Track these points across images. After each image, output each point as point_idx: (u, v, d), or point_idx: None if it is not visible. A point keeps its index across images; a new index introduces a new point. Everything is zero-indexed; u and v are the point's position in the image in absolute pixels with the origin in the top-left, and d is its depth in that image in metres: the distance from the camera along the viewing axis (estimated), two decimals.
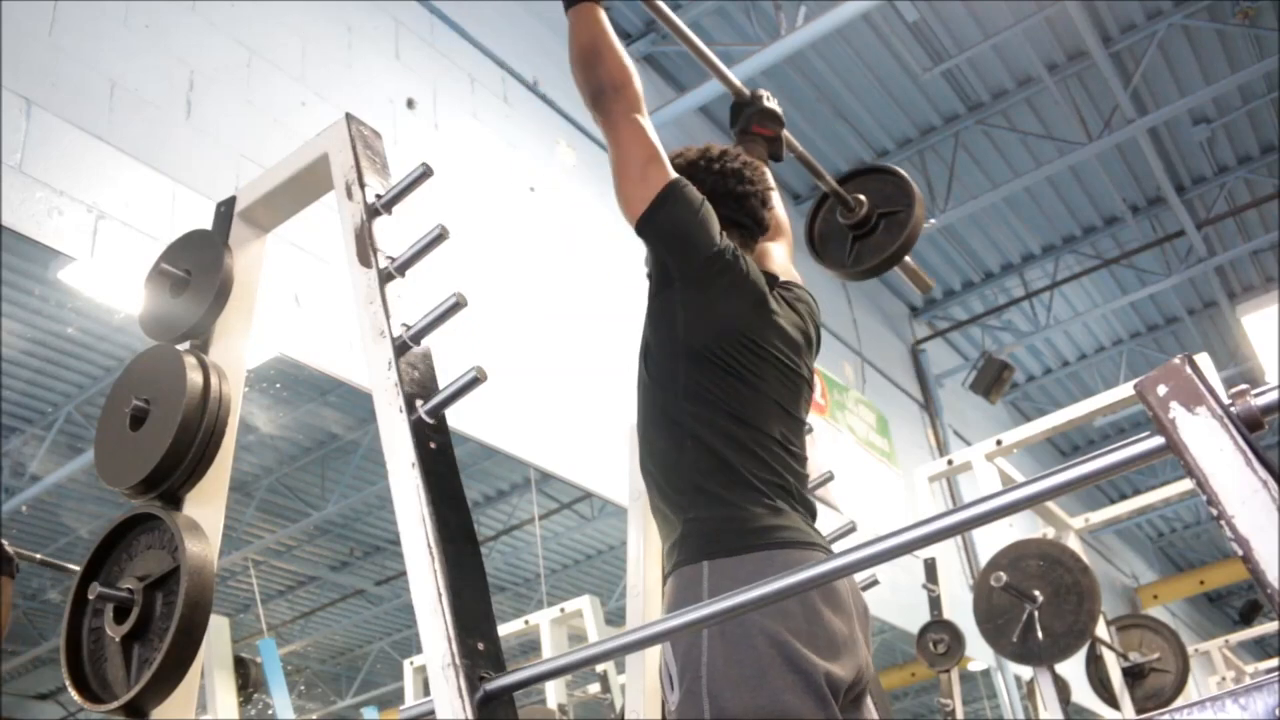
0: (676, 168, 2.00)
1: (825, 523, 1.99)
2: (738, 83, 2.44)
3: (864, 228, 2.62)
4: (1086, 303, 10.83)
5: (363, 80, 4.66)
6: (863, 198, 2.63)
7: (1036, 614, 4.17)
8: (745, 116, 2.36)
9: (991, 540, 4.80)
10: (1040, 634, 4.13)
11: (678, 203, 1.85)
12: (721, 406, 1.79)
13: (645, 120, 1.94)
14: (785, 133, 2.44)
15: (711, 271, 1.85)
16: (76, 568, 1.70)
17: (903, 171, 2.67)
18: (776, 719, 1.56)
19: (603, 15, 2.01)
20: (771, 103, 2.38)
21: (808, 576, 1.17)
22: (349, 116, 1.82)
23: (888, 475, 8.44)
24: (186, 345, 1.86)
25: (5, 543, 2.43)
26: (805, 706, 1.58)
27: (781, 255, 2.30)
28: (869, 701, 1.78)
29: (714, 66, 2.44)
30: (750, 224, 2.08)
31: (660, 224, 1.85)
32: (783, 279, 2.16)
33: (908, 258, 2.63)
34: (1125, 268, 10.29)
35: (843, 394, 8.15)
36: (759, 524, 1.72)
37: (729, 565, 1.67)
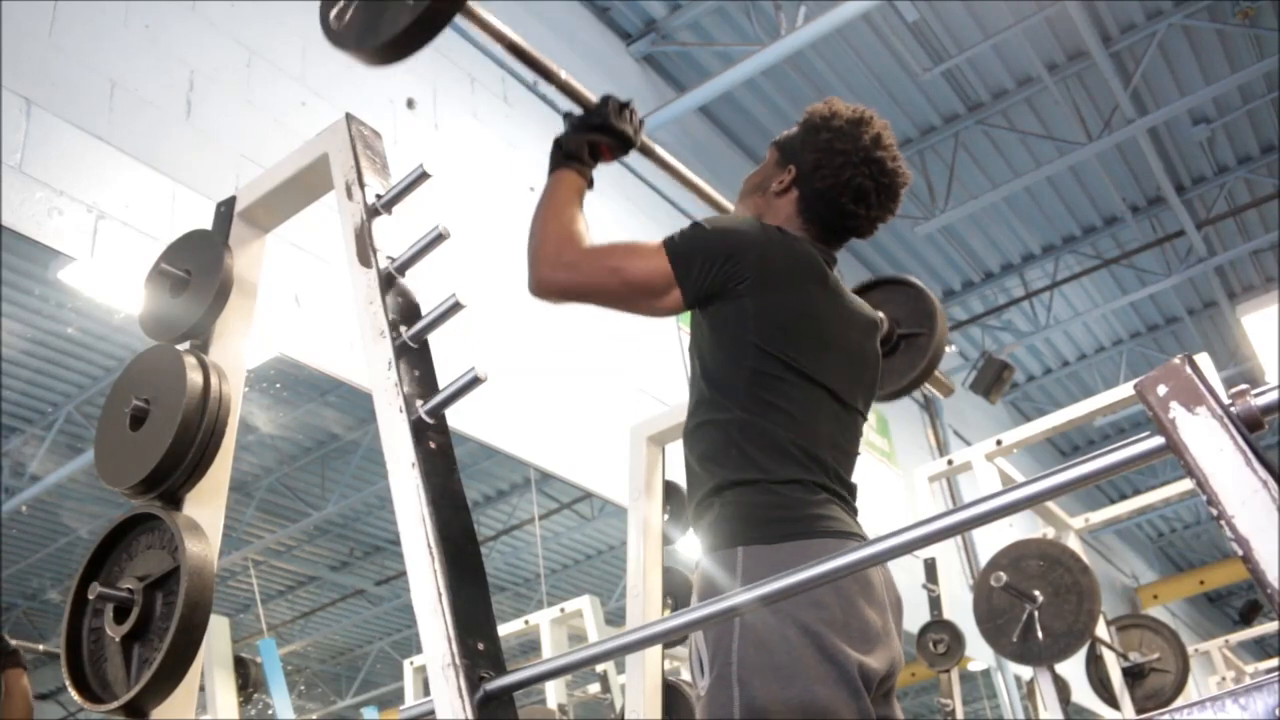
0: (820, 143, 1.90)
1: None
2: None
3: (884, 347, 2.59)
4: (1086, 303, 10.83)
5: (363, 80, 4.66)
6: (882, 316, 2.57)
7: (1036, 614, 4.16)
8: None
9: (991, 540, 4.80)
10: (1040, 634, 4.13)
11: (686, 253, 1.77)
12: (776, 403, 1.73)
13: (589, 234, 1.82)
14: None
15: (764, 268, 1.77)
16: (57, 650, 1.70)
17: (922, 285, 2.62)
18: (807, 710, 1.53)
19: (583, 193, 1.90)
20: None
21: (832, 567, 1.16)
22: (349, 116, 1.82)
23: (888, 475, 8.44)
24: (186, 345, 1.86)
25: (7, 636, 2.39)
26: (837, 699, 1.55)
27: None
28: (895, 700, 1.76)
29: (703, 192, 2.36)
30: (839, 232, 1.96)
31: (697, 278, 1.76)
32: None
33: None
34: (1125, 268, 10.29)
35: None
36: (798, 512, 1.68)
37: (765, 553, 1.63)
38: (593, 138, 1.91)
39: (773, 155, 2.03)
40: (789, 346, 1.76)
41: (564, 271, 1.77)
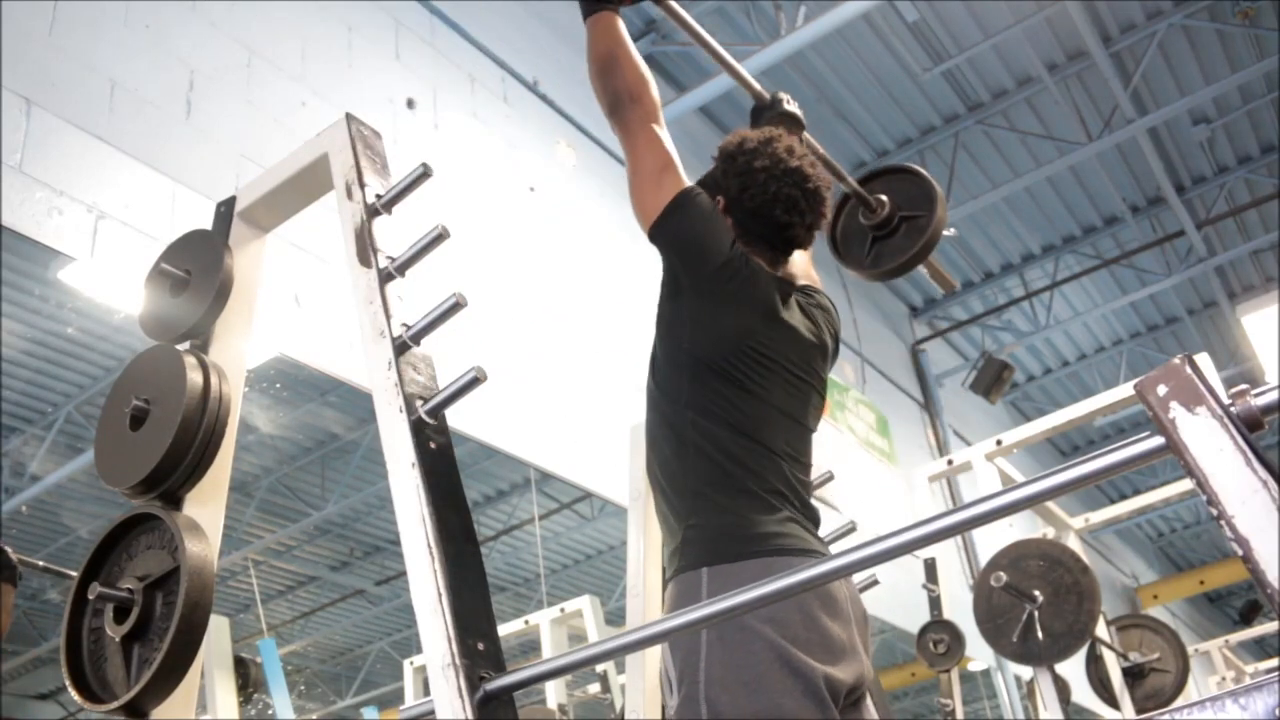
0: (739, 168, 1.99)
1: (826, 523, 1.98)
2: (757, 86, 2.43)
3: (885, 229, 2.63)
4: (1086, 303, 10.83)
5: (363, 80, 4.66)
6: (885, 198, 2.62)
7: (1036, 614, 4.16)
8: (765, 120, 2.32)
9: (991, 540, 4.80)
10: (1040, 634, 4.13)
11: (689, 211, 1.86)
12: (724, 417, 1.79)
13: (662, 130, 1.94)
14: (807, 135, 2.43)
15: (720, 281, 1.84)
16: (75, 573, 1.70)
17: (924, 172, 2.66)
18: None
19: (620, 25, 2.05)
20: (792, 105, 2.37)
21: (805, 578, 1.17)
22: (349, 116, 1.82)
23: (888, 475, 8.44)
24: (186, 345, 1.86)
25: (8, 549, 2.42)
26: (804, 710, 1.58)
27: (801, 259, 2.27)
28: (869, 703, 1.79)
29: (735, 72, 2.43)
30: (783, 247, 2.03)
31: (671, 231, 1.86)
32: (801, 282, 2.14)
33: (930, 257, 2.63)
34: (1125, 268, 10.29)
35: (843, 394, 8.15)
36: (759, 531, 1.73)
37: (728, 571, 1.68)
38: None
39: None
40: (726, 360, 1.82)
41: (625, 109, 1.97)
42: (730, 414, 1.79)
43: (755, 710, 1.57)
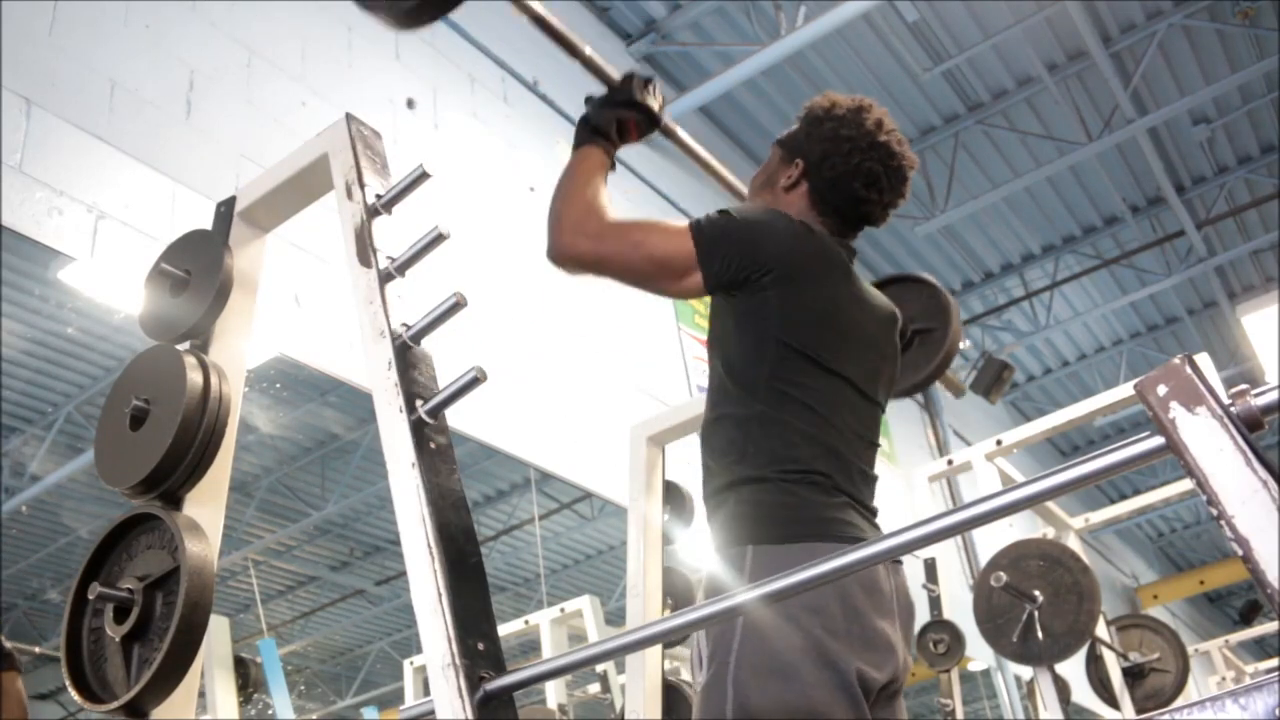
0: (824, 134, 1.93)
1: None
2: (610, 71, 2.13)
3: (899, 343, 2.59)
4: (1086, 303, 10.83)
5: (363, 80, 4.66)
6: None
7: (1036, 614, 4.16)
8: (606, 108, 2.02)
9: (991, 540, 4.80)
10: (1040, 634, 4.13)
11: (715, 235, 1.75)
12: (799, 397, 1.71)
13: (615, 218, 1.76)
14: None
15: (795, 262, 1.76)
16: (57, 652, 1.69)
17: (936, 282, 2.62)
18: (800, 714, 1.52)
19: (606, 172, 1.85)
20: (652, 98, 2.03)
21: (835, 566, 1.16)
22: (349, 116, 1.82)
23: (888, 475, 8.43)
24: (186, 345, 1.86)
25: (3, 639, 2.38)
26: (834, 704, 1.54)
27: None
28: (901, 701, 1.75)
29: (686, 148, 2.30)
30: (853, 222, 1.96)
31: (720, 264, 1.73)
32: None
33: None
34: (1125, 268, 10.29)
35: None
36: (812, 514, 1.67)
37: (775, 553, 1.62)
38: (620, 114, 1.89)
39: (776, 153, 2.03)
40: (812, 340, 1.74)
41: (586, 240, 1.72)
42: (804, 393, 1.72)
43: (783, 699, 1.53)
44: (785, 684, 1.55)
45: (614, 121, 1.88)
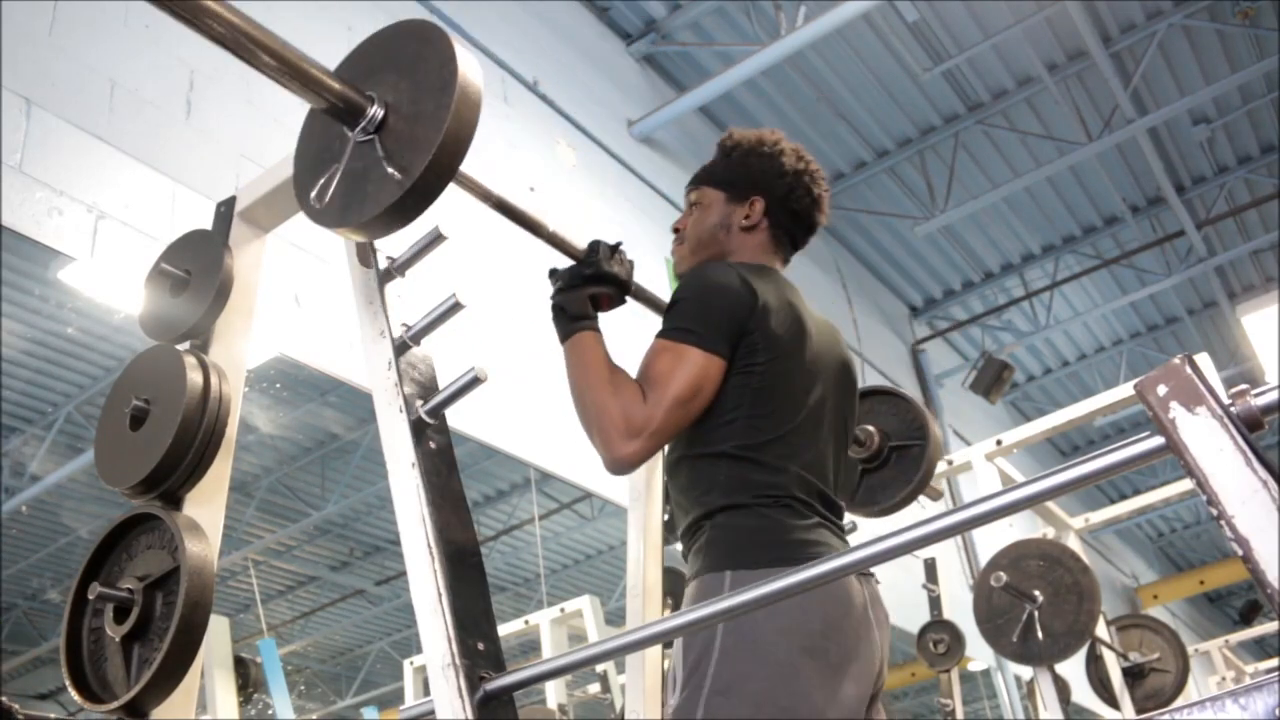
0: (776, 168, 1.96)
1: None
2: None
3: (874, 461, 2.55)
4: (1086, 303, 10.83)
5: None
6: (872, 429, 2.55)
7: (1036, 614, 4.17)
8: (574, 279, 1.92)
9: (991, 540, 4.80)
10: (1040, 634, 4.13)
11: (705, 327, 1.73)
12: (768, 428, 1.73)
13: (639, 392, 1.70)
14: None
15: (775, 324, 1.77)
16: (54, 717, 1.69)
17: (909, 396, 2.62)
18: None
19: (603, 349, 1.78)
20: (615, 266, 1.92)
21: (813, 575, 1.17)
22: None
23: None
24: (187, 345, 1.86)
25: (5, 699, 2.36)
26: None
27: None
28: (879, 705, 1.77)
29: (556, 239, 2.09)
30: (800, 244, 2.03)
31: (726, 341, 1.73)
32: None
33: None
34: (1125, 268, 10.29)
35: None
36: (788, 537, 1.68)
37: (752, 578, 1.61)
38: (592, 290, 1.84)
39: (715, 195, 2.01)
40: (781, 379, 1.76)
41: (639, 441, 1.65)
42: (776, 428, 1.74)
43: None
44: (758, 708, 1.56)
45: (588, 301, 1.83)
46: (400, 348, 1.56)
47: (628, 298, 1.92)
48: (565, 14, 6.64)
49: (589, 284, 1.83)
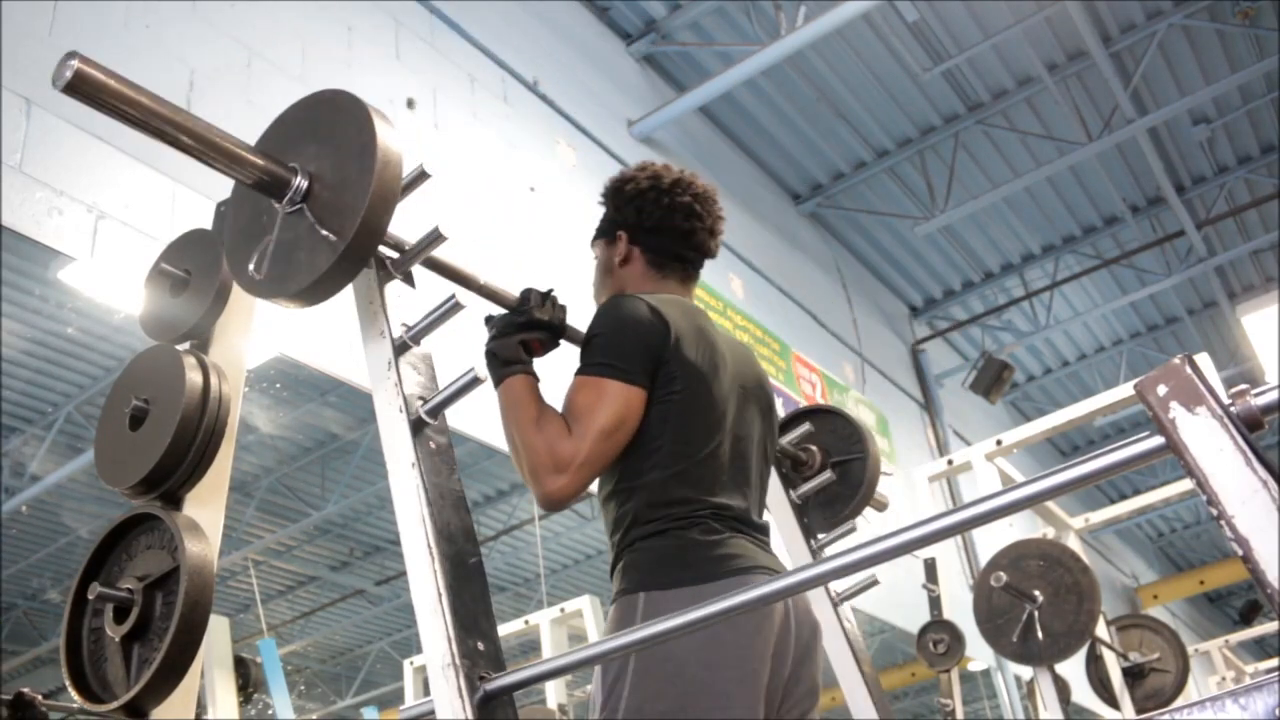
0: (625, 197, 2.01)
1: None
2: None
3: (818, 478, 2.60)
4: (1086, 303, 10.83)
5: (362, 80, 4.66)
6: (814, 447, 2.61)
7: (1036, 614, 4.17)
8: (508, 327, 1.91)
9: (991, 540, 4.80)
10: (1040, 634, 4.13)
11: (619, 360, 1.78)
12: (684, 449, 1.77)
13: (564, 428, 1.73)
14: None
15: (681, 347, 1.81)
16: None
17: (844, 410, 2.69)
18: None
19: (536, 388, 1.81)
20: (545, 313, 1.92)
21: (736, 603, 1.20)
22: None
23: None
24: (186, 345, 1.86)
25: (26, 691, 2.36)
26: None
27: None
28: (814, 716, 1.81)
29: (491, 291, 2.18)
30: (694, 257, 2.05)
31: (642, 372, 1.78)
32: None
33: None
34: (1125, 268, 10.29)
35: (843, 394, 8.15)
36: (701, 554, 1.71)
37: (664, 599, 1.67)
38: (524, 336, 1.86)
39: (598, 245, 2.09)
40: (702, 407, 1.80)
41: (564, 476, 1.67)
42: (690, 450, 1.77)
43: None
44: None
45: (519, 346, 1.85)
46: (400, 348, 1.56)
47: (562, 341, 1.94)
48: (565, 14, 6.64)
49: (520, 330, 1.85)
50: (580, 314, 1.95)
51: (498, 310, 1.91)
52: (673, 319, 1.82)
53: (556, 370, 1.98)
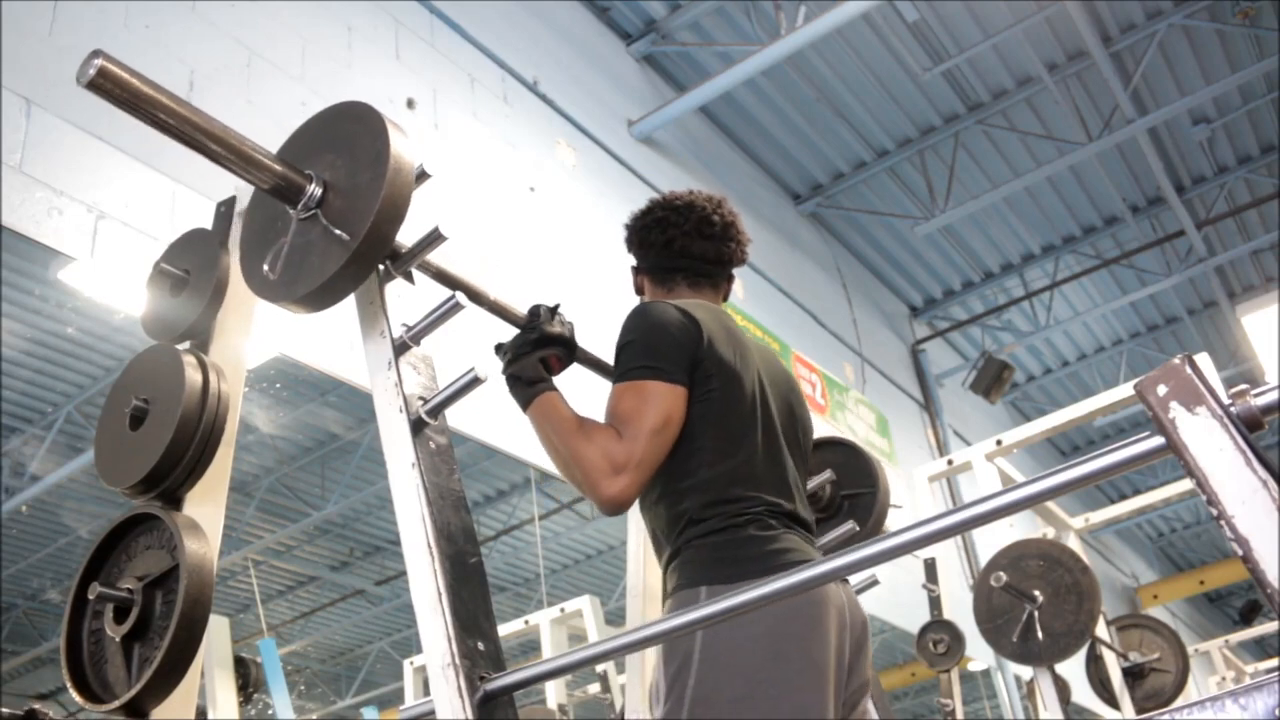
0: (643, 227, 2.06)
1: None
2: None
3: (828, 511, 2.63)
4: (1086, 303, 10.83)
5: (363, 80, 4.66)
6: (825, 483, 2.62)
7: (1036, 614, 4.17)
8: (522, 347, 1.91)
9: (991, 540, 4.80)
10: (1040, 634, 4.13)
11: (658, 361, 1.79)
12: (728, 447, 1.79)
13: (616, 434, 1.72)
14: None
15: (712, 346, 1.83)
16: None
17: (858, 444, 2.70)
18: None
19: (564, 406, 1.80)
20: (556, 327, 1.94)
21: (801, 579, 1.17)
22: None
23: (888, 475, 8.42)
24: (186, 345, 1.86)
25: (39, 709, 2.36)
26: None
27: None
28: (868, 704, 1.81)
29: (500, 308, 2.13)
30: (721, 272, 2.08)
31: (682, 371, 1.79)
32: None
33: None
34: (1125, 268, 10.29)
35: (843, 394, 8.15)
36: (759, 550, 1.73)
37: (726, 593, 1.66)
38: (542, 354, 1.86)
39: (636, 282, 2.17)
40: (739, 404, 1.82)
41: (622, 478, 1.67)
42: (721, 433, 1.79)
43: None
44: (739, 714, 1.60)
45: (539, 364, 1.86)
46: (400, 348, 1.57)
47: (575, 358, 1.96)
48: (565, 14, 6.64)
49: (536, 348, 1.85)
50: (588, 315, 1.96)
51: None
52: (703, 320, 1.84)
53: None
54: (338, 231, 1.52)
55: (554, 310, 1.91)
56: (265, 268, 1.62)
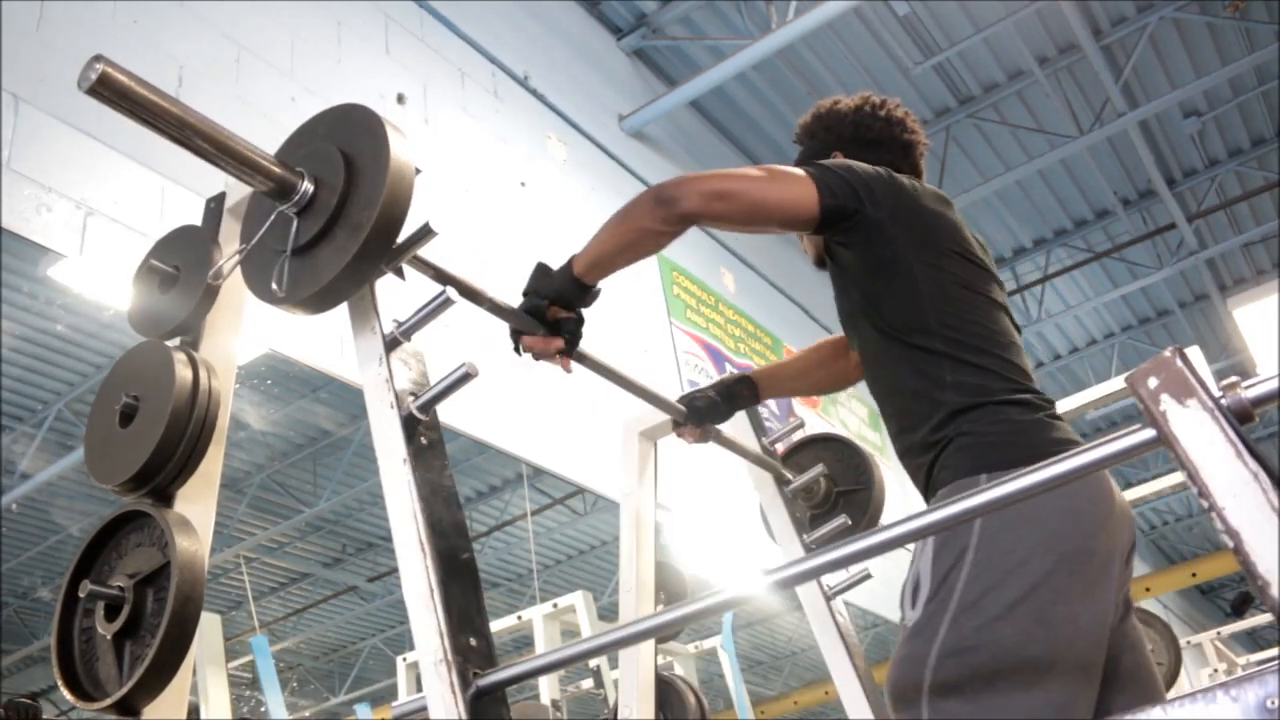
0: (838, 115, 2.00)
1: None
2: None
3: (824, 507, 2.64)
4: (1078, 296, 10.85)
5: (352, 75, 4.64)
6: (820, 478, 2.63)
7: None
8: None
9: None
10: None
11: (832, 174, 1.74)
12: (964, 315, 1.70)
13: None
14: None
15: (904, 194, 1.78)
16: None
17: (849, 439, 2.70)
18: (1026, 666, 1.40)
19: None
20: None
21: (1075, 466, 1.03)
22: None
23: (885, 471, 8.43)
24: (176, 341, 1.85)
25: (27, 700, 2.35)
26: (1061, 660, 1.42)
27: None
28: (1133, 617, 1.64)
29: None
30: (909, 172, 1.99)
31: (835, 206, 1.72)
32: None
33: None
34: (1116, 260, 10.31)
35: None
36: (1033, 435, 1.62)
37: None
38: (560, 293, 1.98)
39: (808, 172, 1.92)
40: (973, 277, 1.77)
41: (714, 181, 1.71)
42: (972, 311, 1.71)
43: (1001, 648, 1.41)
44: (1010, 624, 1.43)
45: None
46: (391, 343, 1.56)
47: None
48: (556, 8, 6.63)
49: (543, 277, 2.00)
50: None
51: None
52: (916, 186, 1.84)
53: (549, 368, 1.98)
54: (340, 234, 1.51)
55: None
56: (273, 280, 1.61)
